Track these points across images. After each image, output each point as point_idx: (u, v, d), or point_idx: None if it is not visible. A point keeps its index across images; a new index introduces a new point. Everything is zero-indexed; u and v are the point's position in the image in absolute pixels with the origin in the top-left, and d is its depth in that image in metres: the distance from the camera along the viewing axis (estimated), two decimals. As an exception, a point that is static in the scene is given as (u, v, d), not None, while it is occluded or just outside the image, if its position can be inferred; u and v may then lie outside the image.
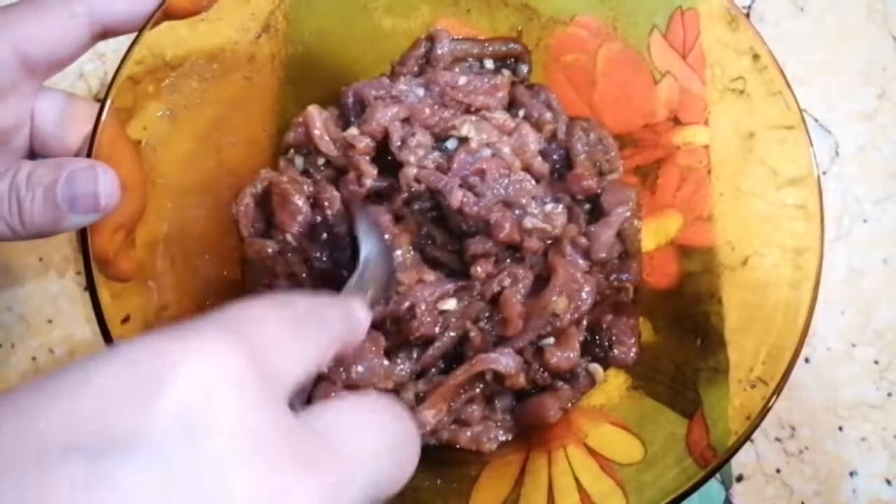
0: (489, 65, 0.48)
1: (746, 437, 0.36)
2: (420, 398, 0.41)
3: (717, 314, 0.41)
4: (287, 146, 0.46)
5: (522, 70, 0.49)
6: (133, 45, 0.38)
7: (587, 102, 0.49)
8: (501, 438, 0.42)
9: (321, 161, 0.45)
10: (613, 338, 0.44)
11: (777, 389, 0.37)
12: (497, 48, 0.48)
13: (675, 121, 0.46)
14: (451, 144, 0.44)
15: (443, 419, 0.40)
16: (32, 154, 0.38)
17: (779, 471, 0.47)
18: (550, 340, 0.42)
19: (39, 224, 0.33)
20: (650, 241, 0.46)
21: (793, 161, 0.41)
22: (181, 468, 0.17)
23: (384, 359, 0.40)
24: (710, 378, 0.40)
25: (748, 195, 0.43)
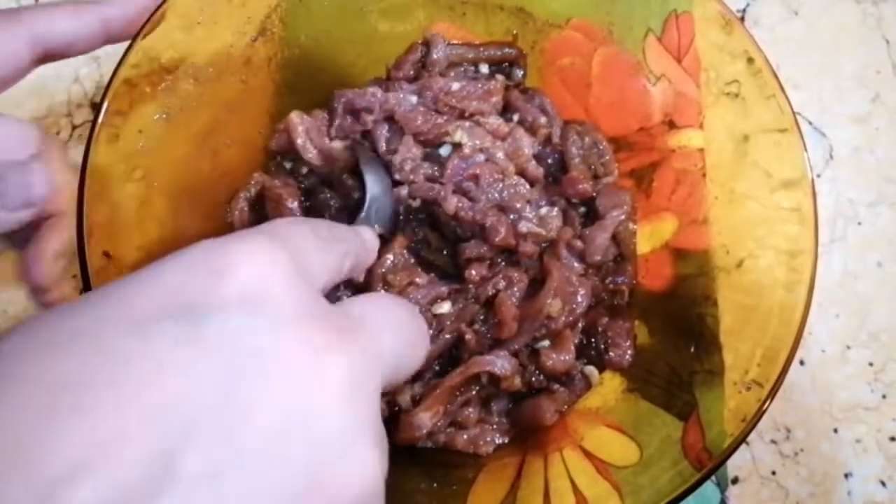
0: (484, 69, 0.48)
1: (742, 440, 0.36)
2: (416, 400, 0.41)
3: (713, 317, 0.42)
4: (273, 152, 0.46)
5: (517, 74, 0.49)
6: (129, 49, 0.38)
7: (582, 106, 0.49)
8: (498, 441, 0.42)
9: (304, 170, 0.45)
10: (609, 340, 0.44)
11: (772, 392, 0.37)
12: (492, 52, 0.49)
13: (670, 124, 0.46)
14: (445, 151, 0.44)
15: (439, 422, 0.40)
16: None
17: (774, 473, 0.47)
18: (546, 343, 0.42)
19: None
20: (645, 244, 0.46)
21: (787, 164, 0.41)
22: (247, 328, 0.20)
23: None
24: (706, 380, 0.40)
25: (743, 198, 0.43)
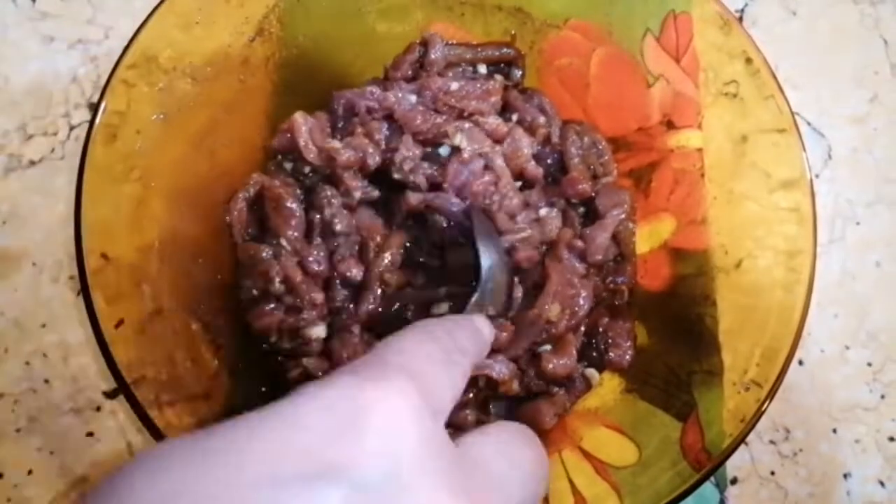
0: (482, 69, 0.48)
1: (741, 440, 0.36)
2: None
3: (712, 317, 0.42)
4: (274, 151, 0.46)
5: (516, 74, 0.49)
6: (127, 49, 0.38)
7: (581, 106, 0.49)
8: (496, 442, 0.42)
9: (307, 169, 0.45)
10: (609, 341, 0.44)
11: (771, 392, 0.37)
12: (490, 53, 0.48)
13: (669, 124, 0.46)
14: (444, 151, 0.44)
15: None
16: None
17: (773, 473, 0.47)
18: (547, 347, 0.42)
19: None
20: (644, 244, 0.46)
21: (785, 164, 0.41)
22: (380, 495, 0.20)
23: None
24: (705, 381, 0.40)
25: (741, 198, 0.43)
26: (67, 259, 0.48)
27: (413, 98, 0.45)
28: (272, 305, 0.41)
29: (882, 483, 0.48)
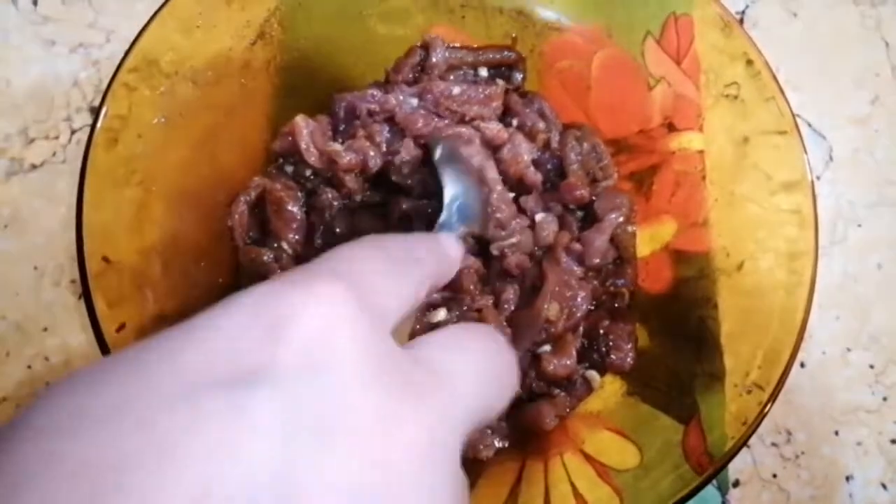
0: (483, 72, 0.48)
1: (743, 443, 0.36)
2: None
3: (713, 319, 0.42)
4: (275, 154, 0.46)
5: (517, 77, 0.49)
6: (128, 53, 0.38)
7: (582, 108, 0.49)
8: (498, 445, 0.42)
9: (308, 172, 0.45)
10: (610, 343, 0.44)
11: (773, 394, 0.37)
12: (491, 56, 0.48)
13: (670, 126, 0.46)
14: None
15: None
16: None
17: (775, 476, 0.47)
18: (547, 348, 0.42)
19: None
20: (645, 247, 0.46)
21: (787, 166, 0.41)
22: (307, 396, 0.18)
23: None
24: (707, 383, 0.40)
25: (743, 200, 0.43)
26: (69, 263, 0.48)
27: (414, 101, 0.45)
28: (273, 308, 0.41)
29: (884, 486, 0.48)
